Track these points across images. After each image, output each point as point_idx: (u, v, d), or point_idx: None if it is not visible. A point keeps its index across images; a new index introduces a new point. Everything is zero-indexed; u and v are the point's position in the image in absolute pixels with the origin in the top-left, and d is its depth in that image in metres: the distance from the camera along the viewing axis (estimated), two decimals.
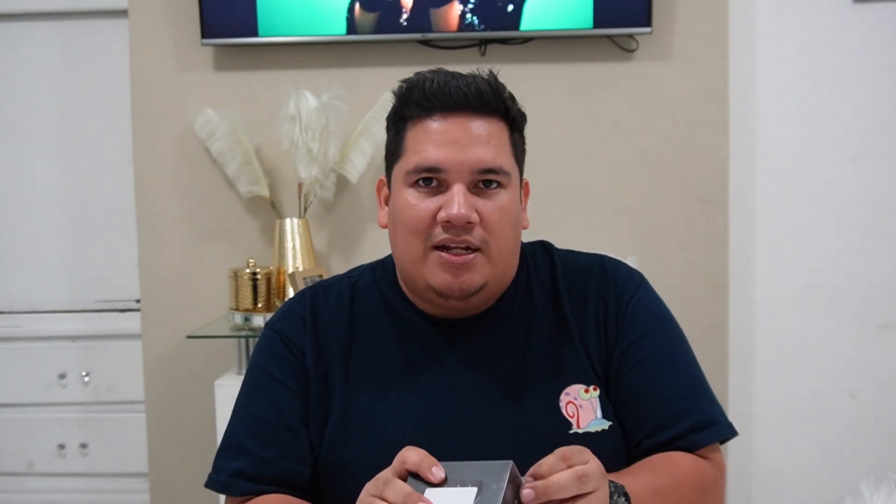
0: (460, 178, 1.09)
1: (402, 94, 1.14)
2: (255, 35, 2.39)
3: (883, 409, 2.54)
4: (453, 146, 1.09)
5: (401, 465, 0.92)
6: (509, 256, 1.15)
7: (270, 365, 1.19)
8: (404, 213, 1.12)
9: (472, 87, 1.10)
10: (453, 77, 1.12)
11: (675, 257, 2.44)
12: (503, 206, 1.11)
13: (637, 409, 1.14)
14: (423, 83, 1.12)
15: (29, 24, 2.71)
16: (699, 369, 1.20)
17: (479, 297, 1.13)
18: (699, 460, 1.13)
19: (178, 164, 2.51)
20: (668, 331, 1.20)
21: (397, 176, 1.14)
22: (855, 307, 2.54)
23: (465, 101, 1.10)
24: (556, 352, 1.16)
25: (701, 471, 1.12)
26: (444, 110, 1.10)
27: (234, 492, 1.14)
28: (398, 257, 1.16)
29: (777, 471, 2.59)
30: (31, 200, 2.79)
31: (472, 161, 1.09)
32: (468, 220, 1.08)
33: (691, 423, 1.13)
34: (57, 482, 2.79)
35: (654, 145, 2.46)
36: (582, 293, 1.19)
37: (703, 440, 1.14)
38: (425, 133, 1.11)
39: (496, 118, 1.12)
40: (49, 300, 2.79)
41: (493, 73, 1.15)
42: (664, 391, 1.14)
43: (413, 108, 1.12)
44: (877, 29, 2.48)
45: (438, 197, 1.10)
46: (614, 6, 2.34)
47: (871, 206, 2.53)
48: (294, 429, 1.16)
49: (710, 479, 1.12)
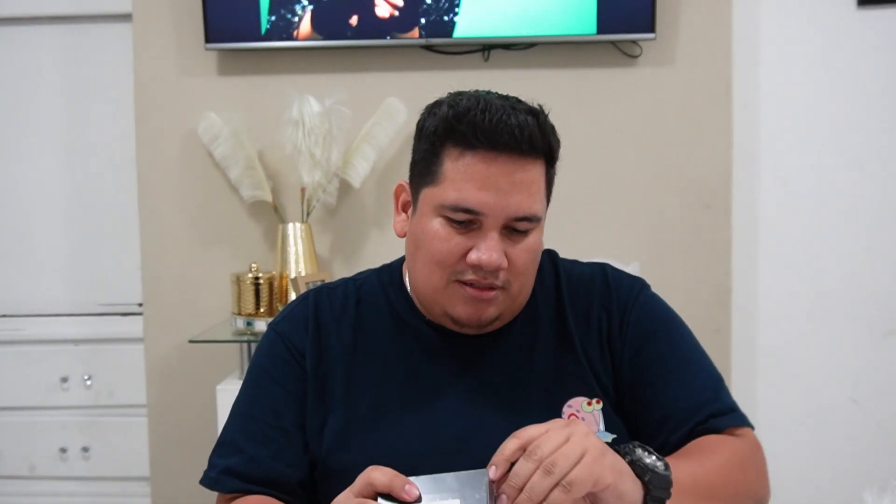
0: (496, 224, 1.07)
1: (448, 119, 1.08)
2: (259, 40, 2.40)
3: (886, 416, 2.54)
4: (495, 192, 1.05)
5: (366, 486, 0.90)
6: (528, 288, 1.15)
7: (270, 366, 1.19)
8: (433, 244, 1.09)
9: (524, 132, 1.05)
10: (505, 112, 1.06)
11: (679, 263, 2.43)
12: (530, 247, 1.10)
13: (655, 412, 1.14)
14: (475, 115, 1.06)
15: (33, 28, 2.72)
16: (712, 364, 1.20)
17: (493, 325, 1.14)
18: (728, 437, 1.12)
19: (181, 168, 2.51)
20: (673, 330, 1.19)
21: (427, 200, 1.10)
22: (858, 314, 2.53)
23: (515, 145, 1.05)
24: (559, 364, 1.16)
25: (733, 446, 1.11)
26: (492, 149, 1.05)
27: (223, 488, 1.14)
28: (417, 279, 1.15)
29: (780, 478, 2.57)
30: (34, 204, 2.79)
31: (511, 210, 1.06)
32: (499, 268, 1.07)
33: (711, 411, 1.13)
34: (59, 486, 2.79)
35: (657, 151, 2.46)
36: (585, 305, 1.19)
37: (724, 423, 1.13)
38: (467, 169, 1.06)
39: (540, 161, 1.09)
40: (51, 304, 2.79)
41: (543, 110, 1.11)
42: (679, 389, 1.14)
43: (457, 137, 1.07)
44: (881, 34, 2.48)
45: (470, 236, 1.08)
46: (618, 12, 2.34)
47: (876, 213, 2.53)
48: (289, 431, 1.15)
49: (746, 452, 1.11)
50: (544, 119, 1.09)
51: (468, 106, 1.07)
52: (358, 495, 0.89)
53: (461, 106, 1.08)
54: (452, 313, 1.11)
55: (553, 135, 1.11)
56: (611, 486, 0.89)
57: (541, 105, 1.11)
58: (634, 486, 0.92)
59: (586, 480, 0.87)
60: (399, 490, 0.87)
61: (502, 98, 1.10)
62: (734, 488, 1.07)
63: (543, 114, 1.10)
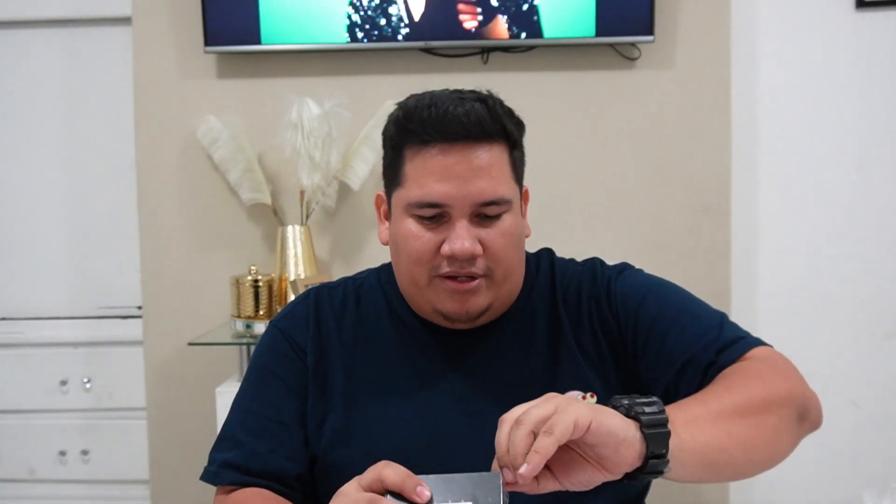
0: (462, 212, 1.09)
1: (399, 120, 1.11)
2: (258, 43, 2.40)
3: (886, 419, 2.54)
4: (455, 180, 1.07)
5: (376, 481, 0.87)
6: (514, 275, 1.16)
7: (271, 362, 1.20)
8: (408, 243, 1.11)
9: (471, 117, 1.07)
10: (452, 103, 1.08)
11: (678, 266, 2.43)
12: (505, 230, 1.11)
13: (668, 371, 1.12)
14: (422, 111, 1.09)
15: (32, 31, 2.72)
16: (709, 307, 1.18)
17: (485, 316, 1.15)
18: (739, 362, 1.08)
19: (180, 171, 2.51)
20: (661, 290, 1.20)
21: (397, 203, 1.13)
22: (858, 316, 2.54)
23: (466, 133, 1.07)
24: (554, 360, 1.17)
25: (746, 364, 1.07)
26: (444, 141, 1.08)
27: (223, 481, 1.15)
28: (402, 281, 1.17)
29: (779, 480, 2.58)
30: (33, 207, 2.79)
31: (474, 195, 1.08)
32: (473, 255, 1.08)
33: (717, 347, 1.10)
34: (58, 489, 2.79)
35: (656, 154, 2.46)
36: (576, 299, 1.20)
37: (733, 354, 1.09)
38: (425, 166, 1.09)
39: (497, 144, 1.10)
40: (51, 306, 2.79)
41: (492, 95, 1.13)
42: (683, 340, 1.12)
43: (411, 136, 1.10)
44: (879, 36, 2.48)
45: (441, 229, 1.09)
46: (617, 14, 2.34)
47: (875, 215, 2.53)
48: (289, 425, 1.16)
49: (761, 363, 1.06)
50: (493, 103, 1.11)
51: (416, 105, 1.10)
52: (367, 489, 0.87)
53: (410, 106, 1.11)
54: (440, 309, 1.13)
55: (508, 116, 1.12)
56: (594, 423, 0.84)
57: (490, 91, 1.13)
58: (624, 423, 0.86)
59: (565, 421, 0.83)
60: (410, 491, 0.85)
61: (452, 92, 1.12)
62: (759, 394, 1.00)
63: (493, 98, 1.12)
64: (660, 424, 0.87)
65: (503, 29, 2.35)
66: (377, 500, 0.86)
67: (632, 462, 0.86)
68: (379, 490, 0.87)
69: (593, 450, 0.86)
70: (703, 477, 0.94)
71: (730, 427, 0.95)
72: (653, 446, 0.86)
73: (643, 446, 0.86)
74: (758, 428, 0.98)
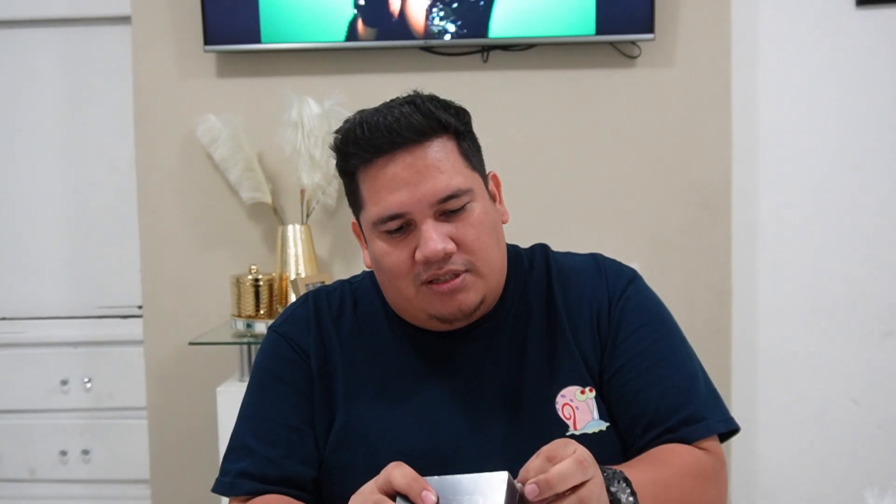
0: (424, 215, 1.08)
1: (339, 147, 1.13)
2: (258, 41, 2.40)
3: (886, 416, 2.54)
4: (406, 187, 1.07)
5: (386, 483, 0.89)
6: (498, 262, 1.15)
7: (276, 366, 1.19)
8: (384, 262, 1.12)
9: (401, 122, 1.08)
10: (380, 115, 1.09)
11: (678, 264, 2.43)
12: (475, 220, 1.10)
13: (631, 407, 1.13)
14: (354, 132, 1.10)
15: (32, 30, 2.72)
16: (696, 364, 1.18)
17: (480, 309, 1.14)
18: (694, 450, 1.11)
19: (180, 170, 2.51)
20: (660, 326, 1.19)
21: (366, 226, 1.14)
22: (858, 314, 2.54)
23: (400, 139, 1.08)
24: (552, 355, 1.16)
25: (698, 460, 1.10)
26: (384, 153, 1.08)
27: (239, 491, 1.14)
28: (392, 298, 1.17)
29: (780, 478, 2.58)
30: (33, 206, 2.79)
31: (428, 195, 1.08)
32: (445, 253, 1.08)
33: (683, 417, 1.11)
34: (59, 489, 2.79)
35: (656, 152, 2.46)
36: (577, 295, 1.19)
37: (696, 434, 1.11)
38: (375, 181, 1.09)
39: (438, 138, 1.10)
40: (51, 306, 2.79)
41: (420, 94, 1.13)
42: (656, 388, 1.13)
43: (353, 159, 1.11)
44: (880, 34, 2.48)
45: (410, 238, 1.09)
46: (617, 13, 2.34)
47: (875, 213, 2.53)
48: (299, 429, 1.16)
49: (709, 468, 1.10)
50: (422, 101, 1.11)
51: (350, 127, 1.12)
52: (380, 490, 0.89)
53: (344, 130, 1.12)
54: (435, 314, 1.12)
55: (442, 109, 1.11)
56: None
57: (417, 90, 1.14)
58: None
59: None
60: (416, 495, 0.86)
61: (383, 103, 1.13)
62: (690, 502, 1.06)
63: (421, 96, 1.12)
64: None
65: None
66: (383, 502, 0.87)
67: None
68: (390, 491, 0.88)
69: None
70: None
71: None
72: None
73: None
74: None
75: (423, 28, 2.37)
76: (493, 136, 2.49)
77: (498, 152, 2.46)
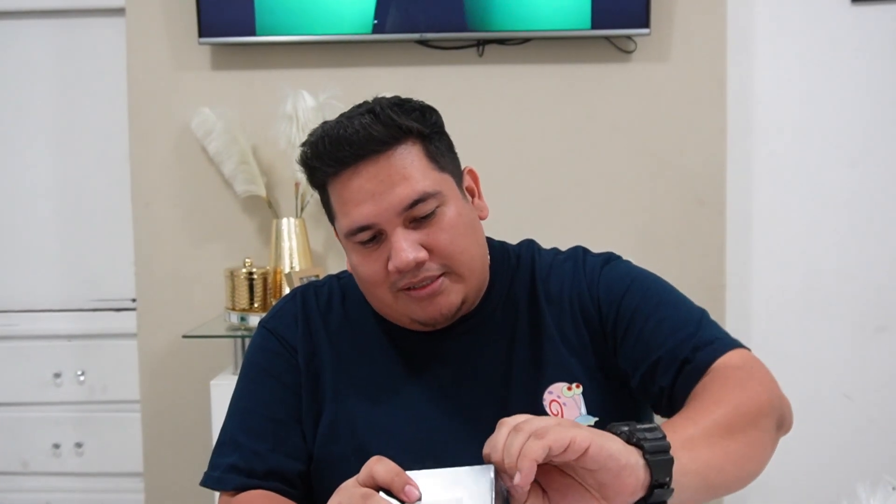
0: (393, 224, 1.07)
1: (305, 161, 1.12)
2: (253, 34, 2.39)
3: (879, 412, 2.55)
4: (372, 198, 1.07)
5: (368, 477, 0.86)
6: (478, 261, 1.14)
7: (264, 361, 1.20)
8: (360, 271, 1.12)
9: (361, 133, 1.06)
10: (340, 127, 1.08)
11: (672, 259, 2.44)
12: (447, 224, 1.09)
13: (644, 362, 1.11)
14: (317, 146, 1.09)
15: (25, 21, 2.71)
16: (691, 304, 1.16)
17: (462, 310, 1.14)
18: (716, 369, 1.05)
19: (174, 163, 2.50)
20: (645, 281, 1.18)
21: (341, 236, 1.14)
22: (851, 310, 2.54)
23: (361, 150, 1.07)
24: (538, 351, 1.16)
25: (724, 373, 1.04)
26: (347, 165, 1.08)
27: (227, 486, 1.15)
28: (373, 304, 1.17)
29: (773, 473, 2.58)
30: (26, 199, 2.78)
31: (394, 203, 1.06)
32: (416, 262, 1.07)
33: (694, 344, 1.08)
34: (52, 481, 2.79)
35: (651, 147, 2.46)
36: (557, 290, 1.19)
37: (710, 355, 1.07)
38: (342, 194, 1.09)
39: (401, 145, 1.09)
40: (44, 299, 2.79)
41: (381, 100, 1.12)
42: (660, 332, 1.11)
43: (319, 173, 1.11)
44: (875, 30, 2.48)
45: (383, 248, 1.09)
46: (612, 7, 2.34)
47: (869, 209, 2.53)
48: (286, 423, 1.16)
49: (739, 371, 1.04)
50: (381, 108, 1.10)
51: (314, 141, 1.10)
52: (363, 484, 0.87)
53: (309, 144, 1.11)
54: (416, 318, 1.12)
55: (404, 115, 1.10)
56: (594, 446, 0.80)
57: (377, 97, 1.13)
58: (626, 449, 0.83)
59: (561, 434, 0.80)
60: (398, 490, 0.84)
61: (342, 114, 1.12)
62: (744, 408, 0.99)
63: (381, 103, 1.11)
64: (663, 451, 0.84)
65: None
66: (370, 495, 0.85)
67: (633, 490, 0.83)
68: (372, 485, 0.87)
69: (593, 476, 0.83)
70: (698, 498, 0.92)
71: (724, 446, 0.94)
72: (657, 473, 0.84)
73: (646, 473, 0.83)
74: (748, 444, 0.98)
75: (418, 21, 2.36)
76: (488, 129, 2.50)
77: (492, 146, 2.47)
